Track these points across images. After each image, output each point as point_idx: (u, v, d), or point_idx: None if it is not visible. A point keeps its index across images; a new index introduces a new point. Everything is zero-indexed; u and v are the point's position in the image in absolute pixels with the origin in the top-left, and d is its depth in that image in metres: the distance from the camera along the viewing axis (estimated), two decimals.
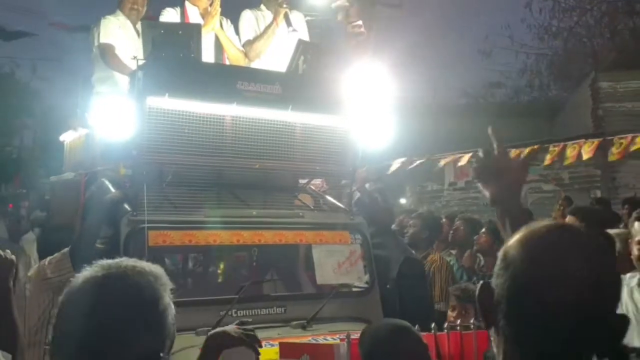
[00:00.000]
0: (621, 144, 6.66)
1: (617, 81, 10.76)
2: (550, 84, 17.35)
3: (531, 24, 15.87)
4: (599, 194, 9.58)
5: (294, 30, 4.35)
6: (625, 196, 9.53)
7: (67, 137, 5.42)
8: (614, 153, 6.82)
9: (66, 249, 3.56)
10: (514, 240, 1.11)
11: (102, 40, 4.51)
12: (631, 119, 10.50)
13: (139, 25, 4.77)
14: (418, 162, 9.14)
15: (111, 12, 4.84)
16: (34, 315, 3.58)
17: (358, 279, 3.71)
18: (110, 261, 1.26)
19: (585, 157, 7.10)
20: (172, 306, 1.26)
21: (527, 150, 7.78)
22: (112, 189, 3.55)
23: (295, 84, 3.70)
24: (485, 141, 1.61)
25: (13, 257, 2.09)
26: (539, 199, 10.40)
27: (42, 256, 4.36)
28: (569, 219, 4.58)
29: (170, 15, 4.32)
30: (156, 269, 1.28)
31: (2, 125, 23.08)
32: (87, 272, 1.24)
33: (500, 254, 1.12)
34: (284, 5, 4.37)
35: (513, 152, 7.94)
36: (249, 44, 4.34)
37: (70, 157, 5.30)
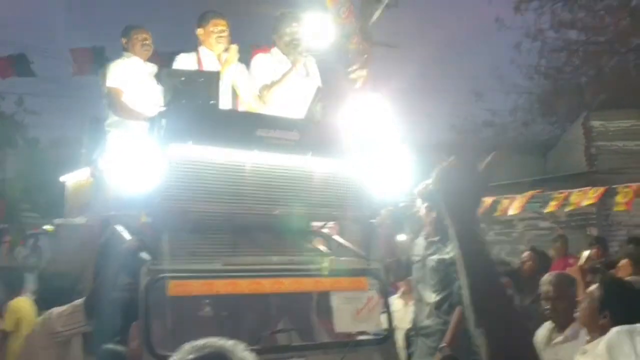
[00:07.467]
0: (626, 193, 6.73)
1: (608, 120, 11.02)
2: (538, 120, 17.69)
3: (521, 65, 16.27)
4: (594, 231, 9.68)
5: (310, 76, 4.38)
6: (619, 233, 9.71)
7: (70, 179, 5.28)
8: (620, 202, 6.90)
9: (78, 301, 3.40)
10: None
11: (109, 84, 4.47)
12: (622, 157, 10.72)
13: (149, 65, 4.74)
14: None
15: (118, 56, 4.79)
16: None
17: (376, 326, 3.66)
18: (194, 343, 1.23)
19: (588, 202, 7.18)
20: None
21: (529, 193, 7.85)
22: (127, 236, 3.48)
23: (313, 131, 3.71)
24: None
25: None
26: (535, 236, 10.49)
27: (41, 303, 4.20)
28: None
29: (184, 61, 4.31)
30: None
31: None
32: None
33: None
34: (304, 55, 4.39)
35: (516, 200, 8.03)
36: (265, 88, 4.35)
37: (74, 200, 5.16)
